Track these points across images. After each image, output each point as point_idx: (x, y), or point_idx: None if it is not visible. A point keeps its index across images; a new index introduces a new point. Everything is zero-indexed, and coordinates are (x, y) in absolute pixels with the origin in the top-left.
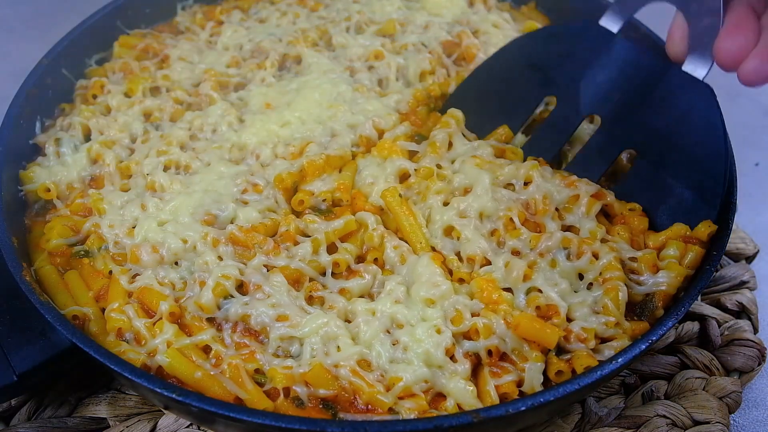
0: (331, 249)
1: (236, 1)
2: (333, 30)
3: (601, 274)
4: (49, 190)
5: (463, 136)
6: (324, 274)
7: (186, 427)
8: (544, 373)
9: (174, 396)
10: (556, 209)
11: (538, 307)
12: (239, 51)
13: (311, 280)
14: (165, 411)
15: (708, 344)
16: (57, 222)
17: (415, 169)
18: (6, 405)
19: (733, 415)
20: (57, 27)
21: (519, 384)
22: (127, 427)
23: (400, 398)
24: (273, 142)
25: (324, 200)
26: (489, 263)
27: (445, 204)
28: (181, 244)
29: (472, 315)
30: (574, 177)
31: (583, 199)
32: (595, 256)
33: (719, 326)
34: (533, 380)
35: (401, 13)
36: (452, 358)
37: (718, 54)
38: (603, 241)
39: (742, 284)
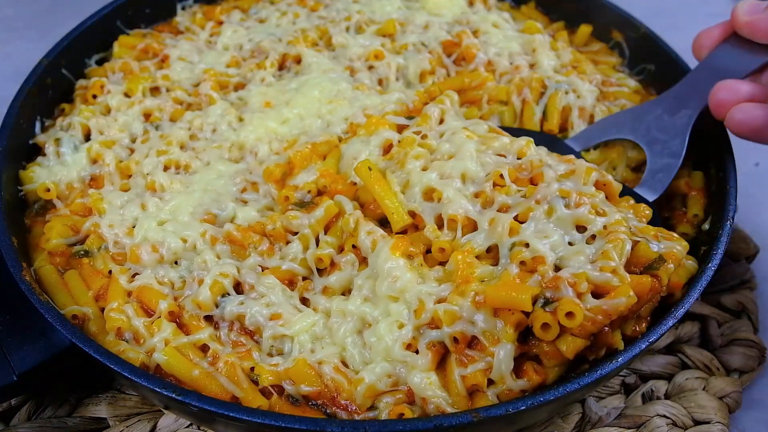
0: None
1: (236, 1)
2: (333, 30)
3: (605, 227)
4: (49, 190)
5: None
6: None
7: (186, 427)
8: (528, 359)
9: (173, 395)
10: None
11: (522, 263)
12: (239, 51)
13: (305, 278)
14: (165, 411)
15: (708, 344)
16: (57, 222)
17: (398, 140)
18: (6, 405)
19: (733, 415)
20: (57, 27)
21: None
22: (127, 427)
23: (378, 395)
24: (270, 139)
25: (309, 192)
26: (473, 229)
27: (424, 170)
28: (180, 243)
29: (439, 301)
30: (572, 156)
31: (581, 170)
32: (599, 214)
33: (719, 326)
34: (502, 365)
35: (401, 13)
36: (417, 351)
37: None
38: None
39: (742, 284)
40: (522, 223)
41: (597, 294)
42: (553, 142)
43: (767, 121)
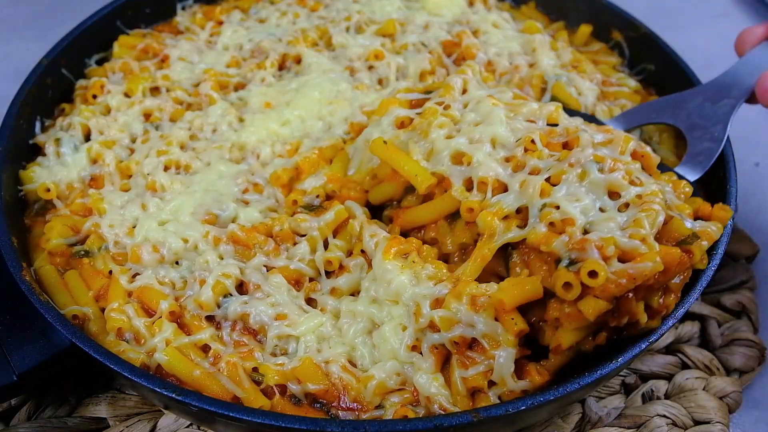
0: (327, 245)
1: (236, 1)
2: (333, 30)
3: (640, 197)
4: (49, 190)
5: None
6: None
7: (186, 427)
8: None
9: (173, 395)
10: None
11: (551, 224)
12: (239, 51)
13: (311, 279)
14: (165, 411)
15: (708, 344)
16: (57, 222)
17: (418, 113)
18: (6, 405)
19: (733, 415)
20: (57, 27)
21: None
22: (127, 427)
23: (386, 394)
24: (272, 141)
25: (317, 196)
26: (502, 191)
27: (449, 138)
28: (181, 243)
29: (435, 304)
30: (610, 126)
31: (619, 139)
32: (634, 183)
33: (719, 326)
34: (503, 369)
35: (401, 13)
36: (422, 353)
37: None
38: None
39: (742, 284)
40: (554, 186)
41: (624, 260)
42: (590, 119)
43: None
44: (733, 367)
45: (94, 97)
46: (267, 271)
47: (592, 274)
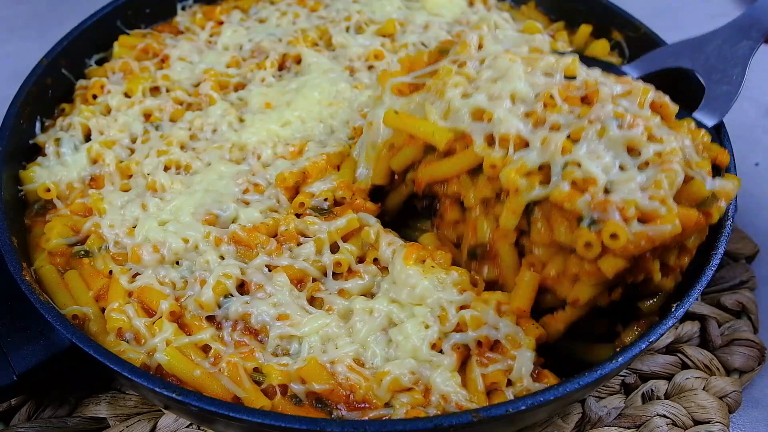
0: (333, 249)
1: (236, 1)
2: (333, 30)
3: (660, 155)
4: (49, 190)
5: None
6: (327, 274)
7: (186, 427)
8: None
9: (174, 395)
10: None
11: (573, 182)
12: (239, 51)
13: (314, 280)
14: (165, 411)
15: (708, 344)
16: (57, 222)
17: (432, 72)
18: (6, 405)
19: (733, 415)
20: (57, 27)
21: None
22: (127, 427)
23: (396, 392)
24: (273, 142)
25: (326, 199)
26: (524, 147)
27: (465, 97)
28: (182, 243)
29: (462, 307)
30: (628, 77)
31: (637, 90)
32: (653, 138)
33: (719, 326)
34: (522, 368)
35: (401, 13)
36: (441, 352)
37: None
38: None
39: (742, 284)
40: (574, 142)
41: (643, 221)
42: (608, 68)
43: None
44: (733, 367)
45: (94, 97)
46: (269, 271)
47: (613, 236)
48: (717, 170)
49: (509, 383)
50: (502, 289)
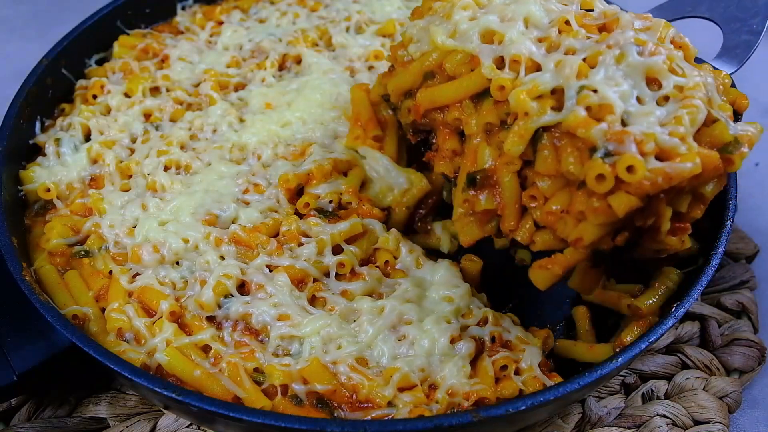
0: (336, 251)
1: (236, 1)
2: (333, 30)
3: (681, 90)
4: (49, 190)
5: None
6: (327, 274)
7: (186, 427)
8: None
9: (173, 395)
10: None
11: (588, 108)
12: (239, 51)
13: (315, 280)
14: (165, 411)
15: (708, 344)
16: (57, 222)
17: None
18: (6, 405)
19: (733, 415)
20: (57, 27)
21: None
22: (127, 427)
23: (399, 391)
24: (274, 142)
25: (330, 201)
26: (537, 70)
27: (474, 20)
28: (182, 243)
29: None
30: (648, 13)
31: (658, 25)
32: (674, 72)
33: (719, 326)
34: (530, 359)
35: (401, 13)
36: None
37: None
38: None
39: (742, 284)
40: (591, 68)
41: (660, 158)
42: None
43: None
44: (733, 367)
45: (94, 97)
46: (270, 271)
47: (630, 169)
48: (735, 117)
49: (517, 372)
50: (499, 220)
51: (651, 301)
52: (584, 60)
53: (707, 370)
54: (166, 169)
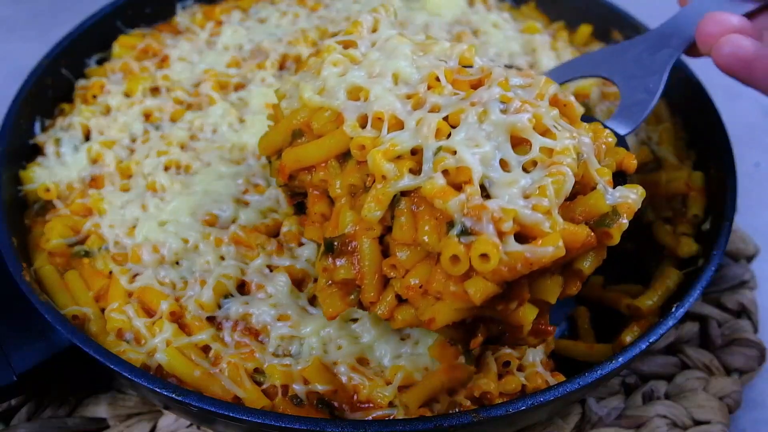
0: None
1: (236, 1)
2: (333, 30)
3: (551, 154)
4: (48, 190)
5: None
6: None
7: (186, 427)
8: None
9: (174, 395)
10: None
11: (445, 172)
12: (239, 51)
13: (316, 280)
14: (165, 411)
15: (708, 344)
16: (57, 222)
17: (313, 53)
18: (6, 405)
19: (733, 415)
20: (57, 27)
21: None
22: (127, 427)
23: (399, 391)
24: None
25: None
26: (401, 128)
27: (342, 76)
28: (182, 243)
29: None
30: (533, 72)
31: (538, 82)
32: (541, 130)
33: (719, 326)
34: (532, 357)
35: (401, 13)
36: None
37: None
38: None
39: (742, 284)
40: (454, 128)
41: (521, 235)
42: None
43: (757, 54)
44: (733, 367)
45: (94, 97)
46: (270, 271)
47: (484, 256)
48: (623, 178)
49: (520, 369)
50: (358, 291)
51: (651, 302)
52: (447, 118)
53: (707, 370)
54: (166, 169)
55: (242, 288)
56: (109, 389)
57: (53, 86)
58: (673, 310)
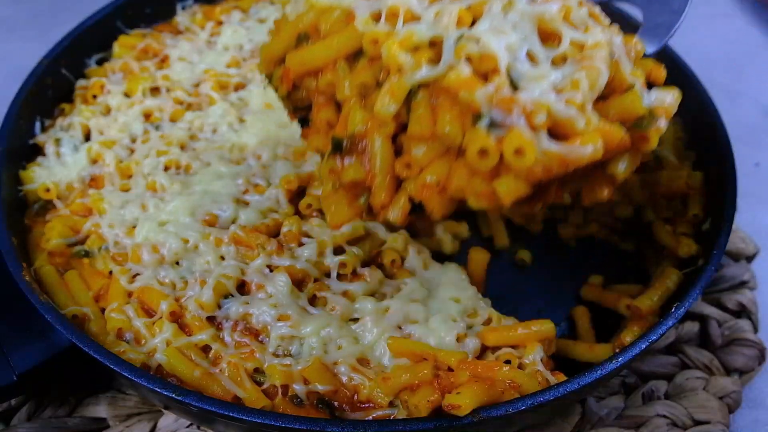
0: (337, 251)
1: (236, 1)
2: None
3: (582, 48)
4: (48, 190)
5: None
6: (328, 275)
7: (186, 427)
8: None
9: (174, 395)
10: None
11: (469, 60)
12: (239, 51)
13: (316, 280)
14: (165, 411)
15: (708, 344)
16: (57, 222)
17: None
18: (6, 405)
19: (733, 415)
20: (57, 27)
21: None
22: (127, 427)
23: (400, 391)
24: (274, 143)
25: None
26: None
27: None
28: (181, 244)
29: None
30: None
31: None
32: (572, 25)
33: (719, 326)
34: (532, 355)
35: None
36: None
37: None
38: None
39: (742, 284)
40: (476, 20)
41: (554, 131)
42: None
43: None
44: (733, 367)
45: (94, 97)
46: (270, 271)
47: (518, 151)
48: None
49: (521, 367)
50: (368, 195)
51: (651, 302)
52: (468, 7)
53: (707, 370)
54: (165, 169)
55: (242, 288)
56: (109, 389)
57: (53, 86)
58: (673, 310)
